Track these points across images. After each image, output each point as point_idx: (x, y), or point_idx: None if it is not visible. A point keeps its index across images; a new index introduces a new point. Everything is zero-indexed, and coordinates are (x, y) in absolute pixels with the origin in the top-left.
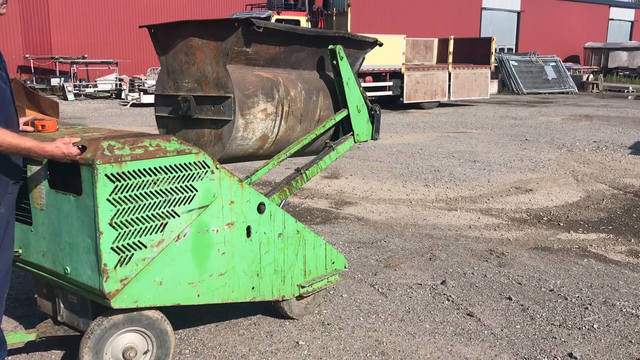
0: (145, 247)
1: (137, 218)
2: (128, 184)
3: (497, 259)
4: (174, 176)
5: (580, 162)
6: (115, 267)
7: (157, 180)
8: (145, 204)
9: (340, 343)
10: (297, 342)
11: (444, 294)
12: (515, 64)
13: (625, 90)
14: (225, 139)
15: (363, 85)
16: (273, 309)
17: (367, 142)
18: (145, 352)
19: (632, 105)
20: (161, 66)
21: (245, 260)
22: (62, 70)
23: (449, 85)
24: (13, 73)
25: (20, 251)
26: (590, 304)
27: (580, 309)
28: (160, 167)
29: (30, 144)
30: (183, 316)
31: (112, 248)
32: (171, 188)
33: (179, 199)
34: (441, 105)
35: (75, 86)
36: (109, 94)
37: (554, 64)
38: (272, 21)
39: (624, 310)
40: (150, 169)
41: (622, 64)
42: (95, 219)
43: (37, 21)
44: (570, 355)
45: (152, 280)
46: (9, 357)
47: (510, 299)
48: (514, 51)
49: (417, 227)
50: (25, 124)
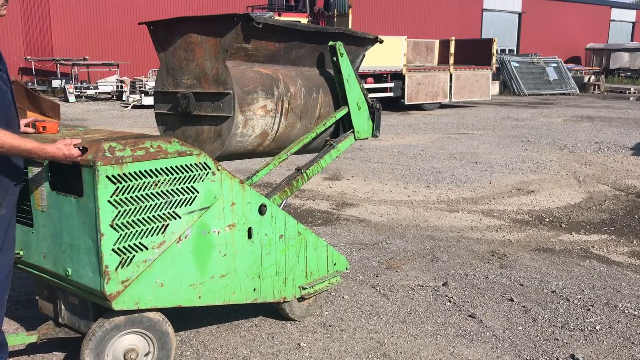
0: (147, 248)
1: (139, 219)
2: (129, 185)
3: (499, 260)
4: (175, 178)
5: (582, 164)
6: (116, 269)
7: (158, 181)
8: (146, 206)
9: (342, 345)
10: (299, 344)
11: (446, 296)
12: (517, 65)
13: (627, 92)
14: (225, 135)
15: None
16: (274, 311)
17: (368, 142)
18: (147, 354)
19: (633, 106)
20: (160, 63)
21: (246, 262)
22: (63, 72)
23: (450, 87)
24: (14, 75)
25: (21, 253)
26: (592, 306)
27: (583, 311)
28: (161, 169)
29: (31, 145)
30: (184, 318)
31: (113, 250)
32: (172, 189)
33: (180, 201)
34: (442, 106)
35: (76, 88)
36: (110, 96)
37: (555, 65)
38: None
39: (627, 311)
40: (151, 170)
41: (623, 65)
42: (97, 220)
43: (38, 23)
44: (573, 357)
45: (153, 281)
46: (10, 359)
47: (512, 300)
48: (515, 52)
49: (418, 229)
50: (27, 125)
